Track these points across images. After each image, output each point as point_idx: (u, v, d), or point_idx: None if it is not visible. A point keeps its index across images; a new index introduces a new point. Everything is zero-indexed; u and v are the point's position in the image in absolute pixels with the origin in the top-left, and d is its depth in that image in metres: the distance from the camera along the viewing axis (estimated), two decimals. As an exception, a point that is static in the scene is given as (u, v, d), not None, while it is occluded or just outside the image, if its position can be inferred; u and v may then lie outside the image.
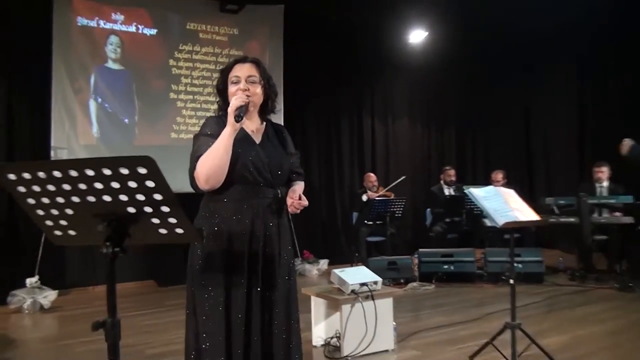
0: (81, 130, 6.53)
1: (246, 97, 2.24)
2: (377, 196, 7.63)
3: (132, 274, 6.71)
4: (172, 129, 7.13)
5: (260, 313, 2.31)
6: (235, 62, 2.40)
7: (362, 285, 3.99)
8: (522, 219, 3.61)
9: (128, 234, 1.72)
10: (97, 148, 6.54)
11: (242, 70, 2.36)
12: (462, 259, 6.63)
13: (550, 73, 9.42)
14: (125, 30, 6.80)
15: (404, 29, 8.60)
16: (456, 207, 7.49)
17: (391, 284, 6.02)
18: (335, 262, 7.69)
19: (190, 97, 7.24)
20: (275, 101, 2.49)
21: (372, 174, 8.17)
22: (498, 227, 3.54)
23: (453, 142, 9.84)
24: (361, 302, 3.93)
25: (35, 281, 5.76)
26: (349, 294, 3.93)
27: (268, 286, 2.35)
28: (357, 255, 7.42)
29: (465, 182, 8.53)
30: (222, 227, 2.31)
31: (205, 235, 2.29)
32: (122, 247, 1.70)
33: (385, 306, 4.06)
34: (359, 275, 4.10)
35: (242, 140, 2.31)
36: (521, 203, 3.77)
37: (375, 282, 4.08)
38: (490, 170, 8.24)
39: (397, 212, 7.30)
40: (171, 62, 7.12)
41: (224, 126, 2.23)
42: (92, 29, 6.60)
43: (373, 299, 3.97)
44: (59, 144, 6.28)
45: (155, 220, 1.66)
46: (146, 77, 6.97)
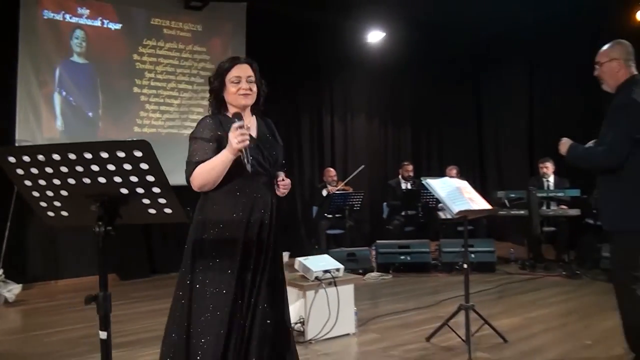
0: (45, 123, 6.50)
1: (247, 137, 2.30)
2: (337, 189, 7.80)
3: (93, 269, 6.68)
4: (135, 123, 7.15)
5: (255, 296, 2.44)
6: (233, 62, 2.51)
7: (325, 272, 4.19)
8: (476, 208, 3.88)
9: (119, 215, 1.87)
10: (61, 141, 6.43)
11: (242, 71, 2.49)
12: (417, 249, 6.88)
13: (501, 72, 9.75)
14: (91, 24, 6.80)
15: (363, 29, 8.80)
16: (412, 201, 7.73)
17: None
18: (296, 254, 7.73)
19: (154, 92, 7.27)
20: (263, 97, 2.63)
21: (331, 169, 8.34)
22: (453, 215, 3.79)
23: (409, 139, 10.08)
24: (324, 289, 4.13)
25: (0, 275, 5.74)
26: (312, 281, 4.13)
27: (263, 271, 2.48)
28: (316, 247, 7.53)
29: (421, 177, 8.75)
30: (221, 217, 2.43)
31: (203, 224, 2.44)
32: (114, 225, 1.85)
33: (347, 292, 4.27)
34: (322, 262, 4.30)
35: None
36: (474, 193, 4.04)
37: (338, 269, 4.30)
38: (445, 166, 8.48)
39: (356, 205, 7.51)
40: (135, 57, 7.14)
41: (219, 128, 2.39)
42: (57, 23, 6.58)
43: (336, 285, 4.18)
44: (23, 137, 6.24)
45: (146, 201, 1.80)
46: (110, 71, 6.98)
